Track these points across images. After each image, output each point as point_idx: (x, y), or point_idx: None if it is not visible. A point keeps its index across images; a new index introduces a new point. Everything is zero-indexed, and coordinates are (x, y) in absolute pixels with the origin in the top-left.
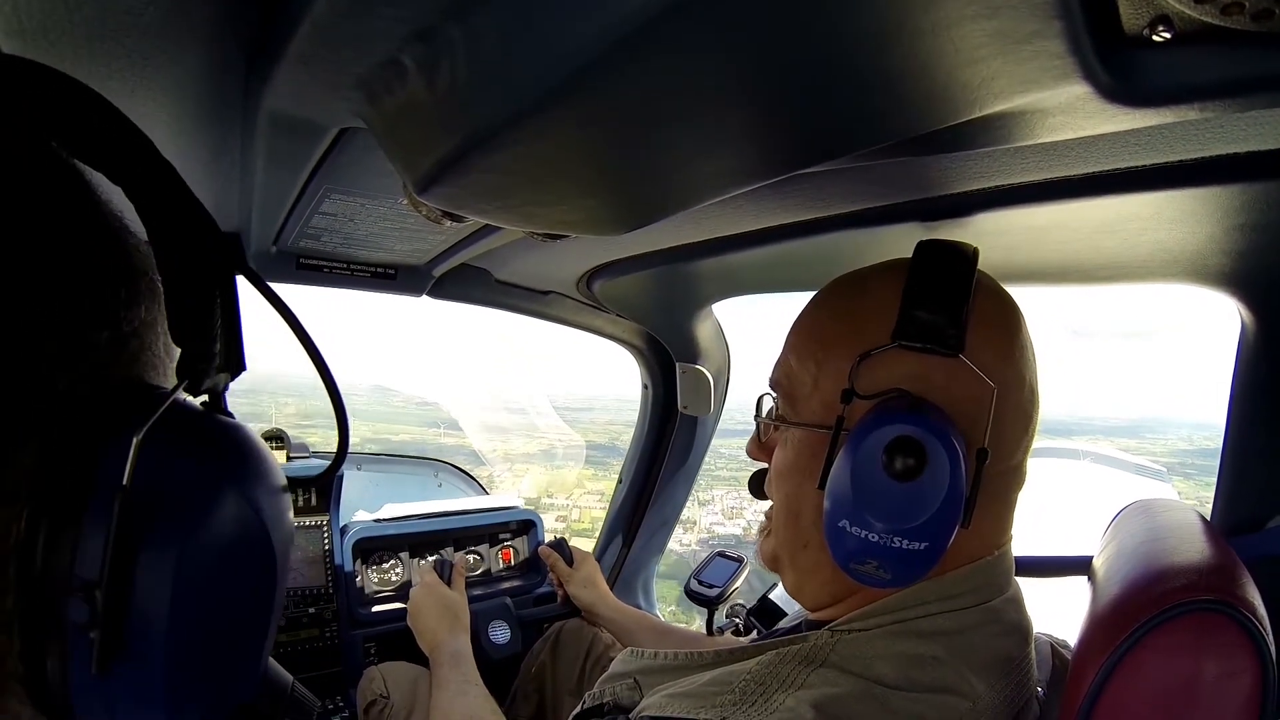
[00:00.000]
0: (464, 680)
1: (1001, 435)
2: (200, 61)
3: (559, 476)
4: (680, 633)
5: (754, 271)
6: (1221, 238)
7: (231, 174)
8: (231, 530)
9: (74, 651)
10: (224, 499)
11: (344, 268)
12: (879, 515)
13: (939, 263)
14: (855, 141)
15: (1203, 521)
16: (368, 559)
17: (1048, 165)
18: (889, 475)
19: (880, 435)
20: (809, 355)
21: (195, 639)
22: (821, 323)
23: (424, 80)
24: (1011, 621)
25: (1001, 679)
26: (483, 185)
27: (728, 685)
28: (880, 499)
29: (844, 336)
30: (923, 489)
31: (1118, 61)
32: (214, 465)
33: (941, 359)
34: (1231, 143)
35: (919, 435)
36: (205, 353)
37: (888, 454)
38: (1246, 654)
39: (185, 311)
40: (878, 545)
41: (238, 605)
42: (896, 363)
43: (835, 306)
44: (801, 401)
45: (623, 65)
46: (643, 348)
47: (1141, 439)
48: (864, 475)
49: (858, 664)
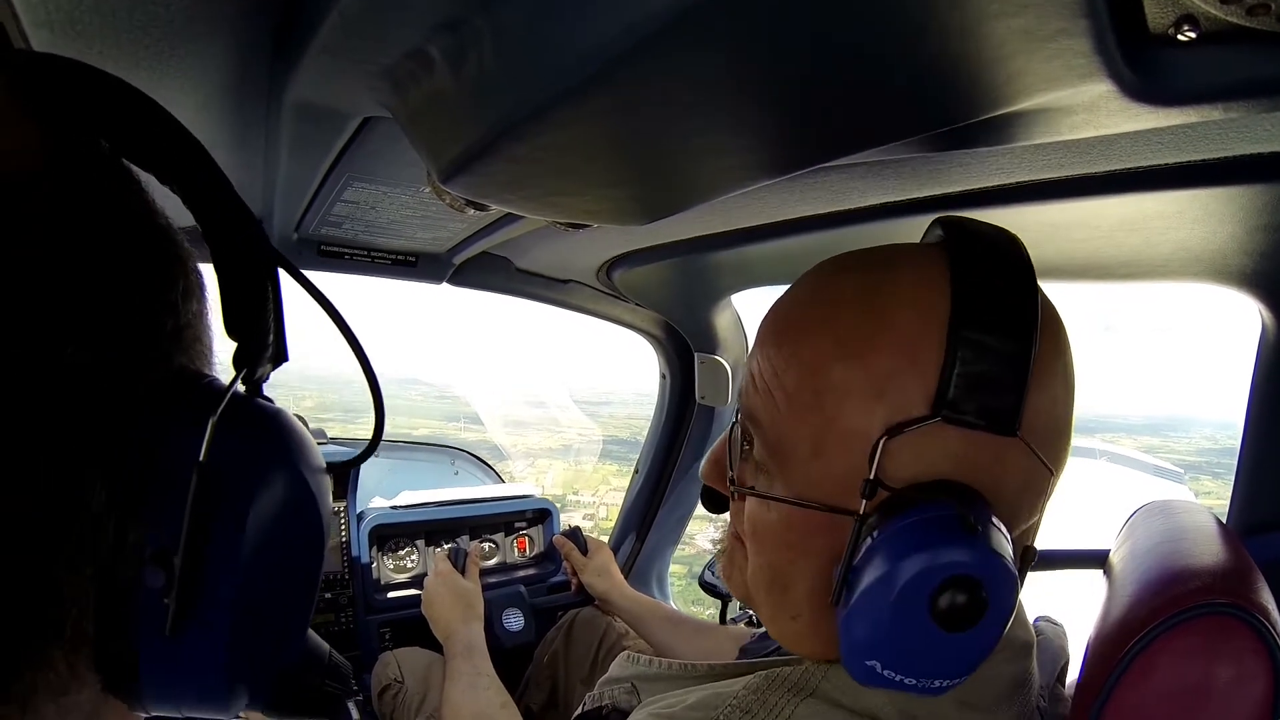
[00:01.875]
0: (476, 672)
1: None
2: (226, 51)
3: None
4: (692, 622)
5: (774, 264)
6: (1244, 238)
7: (255, 162)
8: (287, 505)
9: (144, 618)
10: (280, 476)
11: (365, 255)
12: (919, 666)
13: (993, 278)
14: (877, 137)
15: (1219, 524)
16: (384, 545)
17: (1070, 162)
18: (935, 621)
19: (928, 571)
20: (808, 403)
21: (254, 605)
22: (823, 350)
23: (450, 71)
24: (1019, 643)
25: (1007, 706)
26: (507, 175)
27: (712, 710)
28: (924, 651)
29: (861, 389)
30: (979, 636)
31: (1142, 60)
32: (270, 446)
33: (994, 439)
34: (1256, 143)
35: (980, 573)
36: (260, 345)
37: (935, 595)
38: (1260, 659)
39: (240, 306)
40: (912, 686)
41: (291, 574)
42: (934, 440)
43: (845, 329)
44: (795, 468)
45: (649, 58)
46: (661, 337)
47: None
48: (902, 621)
49: (849, 696)
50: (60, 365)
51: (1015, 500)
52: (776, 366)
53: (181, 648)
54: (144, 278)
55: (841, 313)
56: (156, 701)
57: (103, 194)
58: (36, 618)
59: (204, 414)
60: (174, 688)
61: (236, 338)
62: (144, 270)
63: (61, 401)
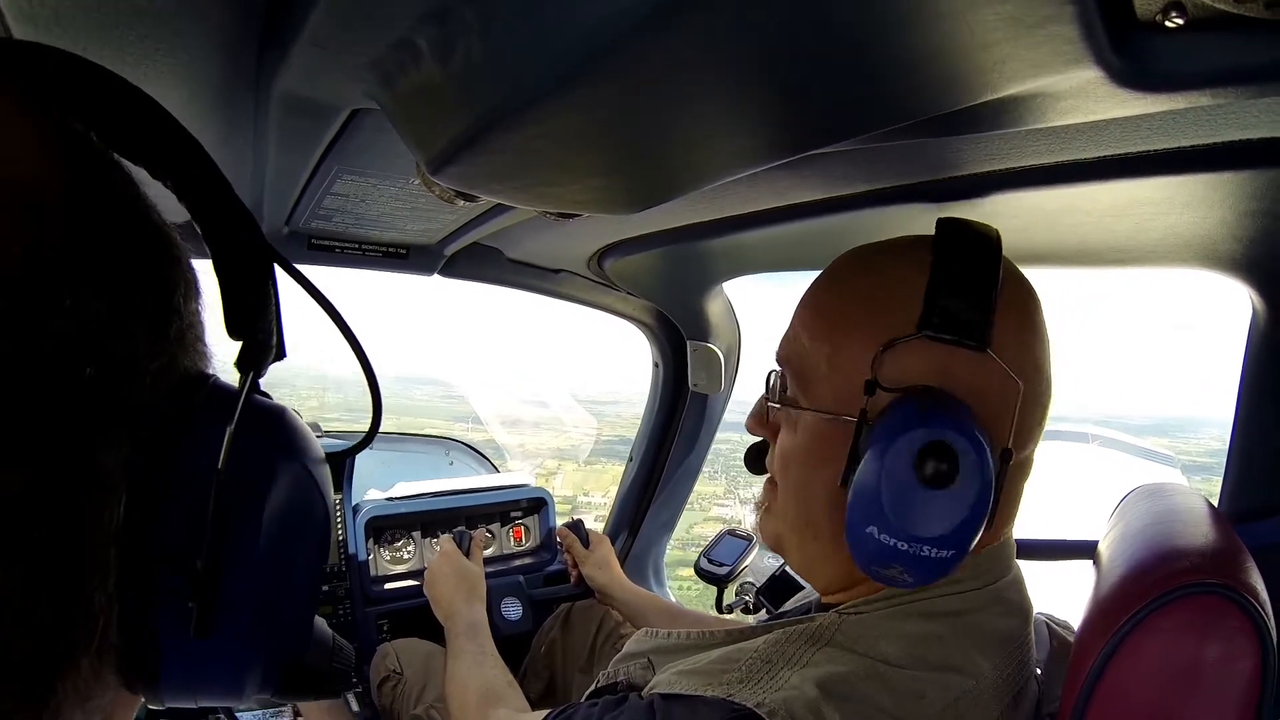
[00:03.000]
0: (480, 651)
1: (1020, 431)
2: (212, 43)
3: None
4: (690, 614)
5: (765, 250)
6: (1233, 223)
7: (243, 155)
8: (296, 499)
9: (167, 619)
10: (289, 473)
11: (356, 247)
12: (910, 524)
13: (965, 246)
14: (867, 123)
15: (1209, 507)
16: (380, 537)
17: (1060, 148)
18: (921, 482)
19: (912, 438)
20: (823, 336)
21: (269, 598)
22: (838, 302)
23: (438, 62)
24: (1014, 602)
25: (1004, 658)
26: (496, 165)
27: (735, 663)
28: (912, 508)
29: (864, 320)
30: (955, 498)
31: (1130, 46)
32: (278, 443)
33: (967, 352)
34: (1244, 129)
35: (953, 440)
36: (264, 344)
37: (920, 459)
38: (1248, 639)
39: (243, 308)
40: (905, 553)
41: (301, 565)
42: (921, 354)
43: (853, 286)
44: (815, 385)
45: (636, 47)
46: (653, 326)
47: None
48: (895, 481)
49: (863, 643)
50: (79, 378)
51: (992, 407)
52: (805, 320)
53: (203, 645)
54: (149, 283)
55: (853, 279)
56: (175, 695)
57: (106, 196)
58: (67, 628)
59: (217, 419)
60: (194, 682)
61: (239, 338)
62: (149, 275)
63: (81, 414)
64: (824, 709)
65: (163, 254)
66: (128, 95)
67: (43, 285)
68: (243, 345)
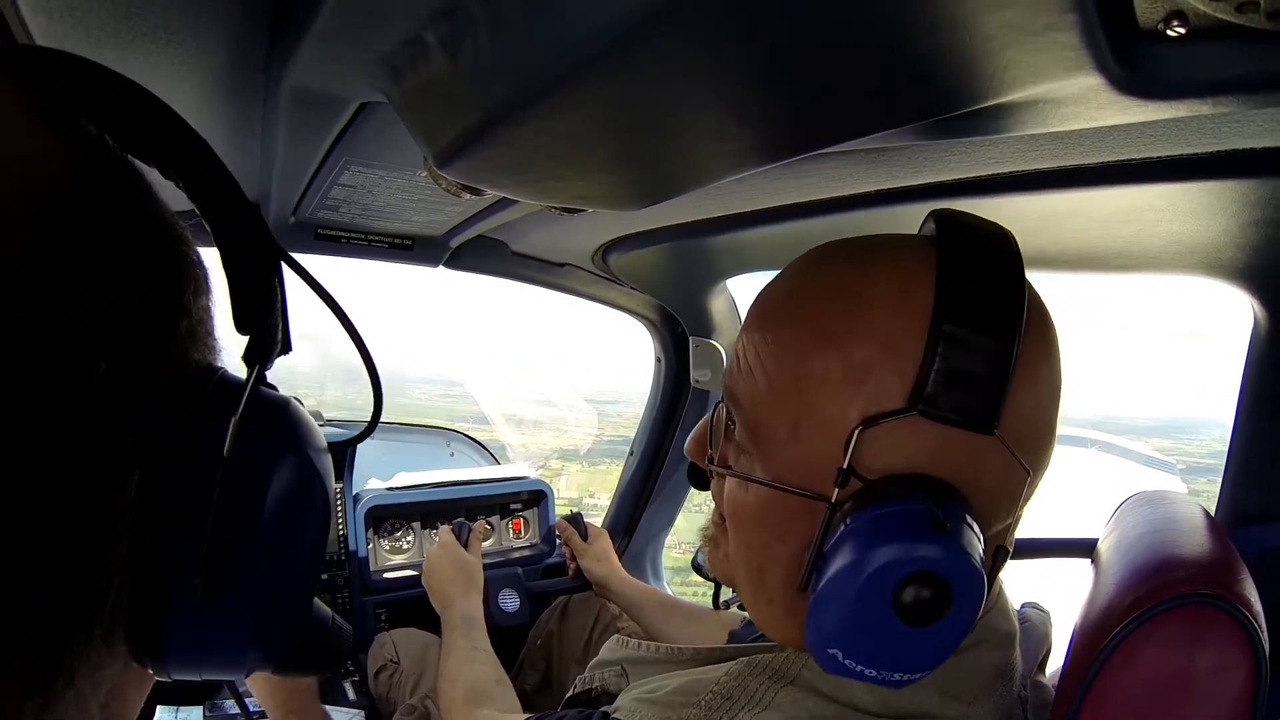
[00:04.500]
0: (473, 647)
1: (1022, 511)
2: (223, 36)
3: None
4: (686, 608)
5: (768, 249)
6: (1236, 232)
7: (252, 146)
8: (301, 484)
9: (176, 593)
10: (293, 459)
11: (361, 238)
12: (878, 657)
13: (979, 275)
14: (871, 125)
15: (1206, 516)
16: (380, 527)
17: (1064, 153)
18: (899, 615)
19: (894, 564)
20: (788, 387)
21: (273, 574)
22: (806, 339)
23: (446, 57)
24: (1001, 633)
25: (989, 695)
26: (503, 160)
27: (694, 696)
28: (883, 642)
29: (839, 378)
30: (939, 635)
31: (1131, 54)
32: (283, 432)
33: (970, 436)
34: (1248, 138)
35: (946, 570)
36: (271, 338)
37: (899, 587)
38: (1240, 650)
39: (251, 304)
40: (872, 676)
41: (302, 545)
42: (909, 434)
43: (828, 320)
44: (773, 449)
45: (643, 44)
46: (656, 321)
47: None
48: (865, 610)
49: (829, 685)
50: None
51: (992, 499)
52: (760, 350)
53: (210, 617)
54: (160, 281)
55: (824, 302)
56: (180, 667)
57: (120, 197)
58: (82, 599)
59: (226, 408)
60: (199, 653)
61: (247, 333)
62: (159, 273)
63: (100, 401)
64: None
65: (173, 252)
66: (138, 98)
67: (61, 280)
68: (250, 339)
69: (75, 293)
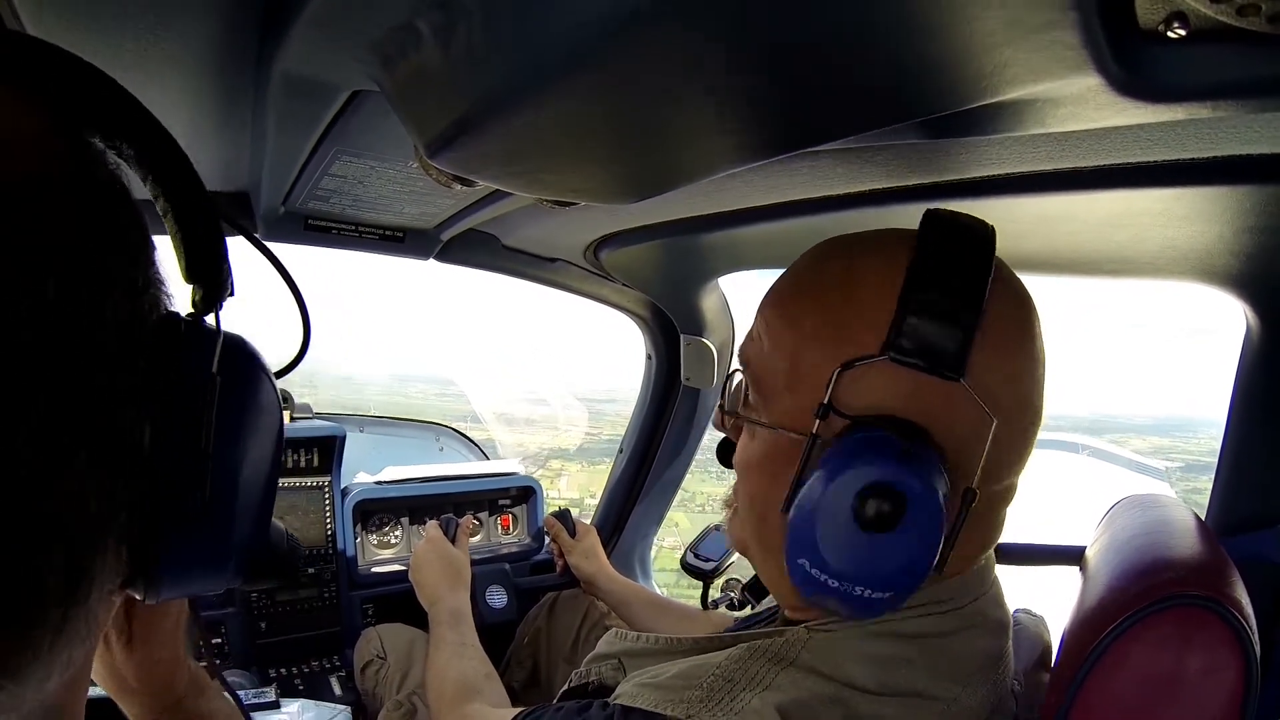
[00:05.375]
0: (461, 641)
1: (996, 463)
2: (213, 24)
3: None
4: (676, 607)
5: (761, 247)
6: (1230, 238)
7: (242, 134)
8: (267, 406)
9: (173, 509)
10: (261, 385)
11: (352, 229)
12: (840, 565)
13: (949, 249)
14: (865, 121)
15: (1197, 520)
16: (368, 521)
17: (1060, 155)
18: (858, 523)
19: (855, 476)
20: (784, 345)
21: (250, 493)
22: (802, 308)
23: (438, 46)
24: (992, 619)
25: (980, 680)
26: (494, 150)
27: (696, 680)
28: (845, 548)
29: (826, 333)
30: (895, 543)
31: (1131, 55)
32: (248, 363)
33: (939, 382)
34: (1244, 144)
35: (901, 483)
36: (221, 284)
37: (860, 499)
38: (1231, 651)
39: (203, 257)
40: (836, 589)
41: (270, 464)
42: (884, 378)
43: (821, 287)
44: (773, 397)
45: (637, 37)
46: (647, 318)
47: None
48: (830, 518)
49: (828, 665)
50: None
51: (963, 443)
52: (768, 321)
53: (198, 530)
54: (135, 236)
55: (820, 279)
56: (169, 585)
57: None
58: (98, 517)
59: (202, 342)
60: (188, 568)
61: (195, 282)
62: (133, 230)
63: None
64: None
65: (135, 212)
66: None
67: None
68: (205, 286)
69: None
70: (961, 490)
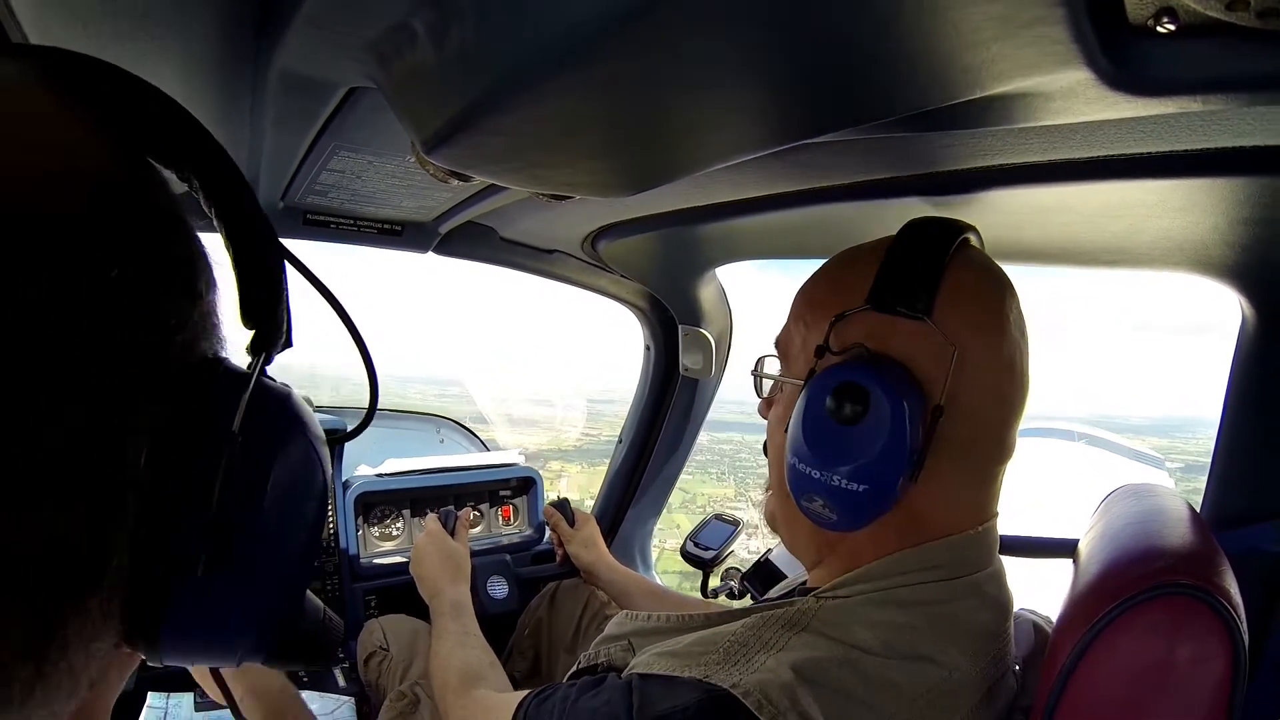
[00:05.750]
0: (463, 631)
1: (971, 402)
2: (211, 22)
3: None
4: (675, 596)
5: (757, 238)
6: (1225, 230)
7: (240, 131)
8: (302, 472)
9: (177, 570)
10: (296, 446)
11: (351, 224)
12: (820, 453)
13: (921, 236)
14: (858, 115)
15: (1190, 511)
16: (369, 514)
17: (1053, 147)
18: (833, 419)
19: (829, 380)
20: (800, 317)
21: (271, 563)
22: (814, 289)
23: (434, 44)
24: (993, 596)
25: (980, 651)
26: (490, 146)
27: (712, 645)
28: (823, 440)
29: (828, 300)
30: (863, 433)
31: (1121, 50)
32: (287, 419)
33: (909, 321)
34: (1237, 136)
35: (863, 382)
36: (275, 331)
37: (834, 398)
38: (1220, 640)
39: (259, 299)
40: (820, 482)
41: (301, 536)
42: (866, 323)
43: (827, 274)
44: (791, 360)
45: (632, 33)
46: (645, 309)
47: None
48: (811, 417)
49: (838, 630)
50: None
51: (929, 370)
52: (794, 304)
53: (207, 597)
54: (179, 266)
55: (830, 265)
56: (173, 650)
57: (145, 189)
58: (80, 567)
59: (233, 391)
60: (194, 635)
61: (253, 326)
62: (178, 259)
63: (117, 369)
64: (798, 693)
65: (188, 244)
66: (163, 104)
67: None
68: (256, 332)
69: (110, 266)
70: (930, 406)
